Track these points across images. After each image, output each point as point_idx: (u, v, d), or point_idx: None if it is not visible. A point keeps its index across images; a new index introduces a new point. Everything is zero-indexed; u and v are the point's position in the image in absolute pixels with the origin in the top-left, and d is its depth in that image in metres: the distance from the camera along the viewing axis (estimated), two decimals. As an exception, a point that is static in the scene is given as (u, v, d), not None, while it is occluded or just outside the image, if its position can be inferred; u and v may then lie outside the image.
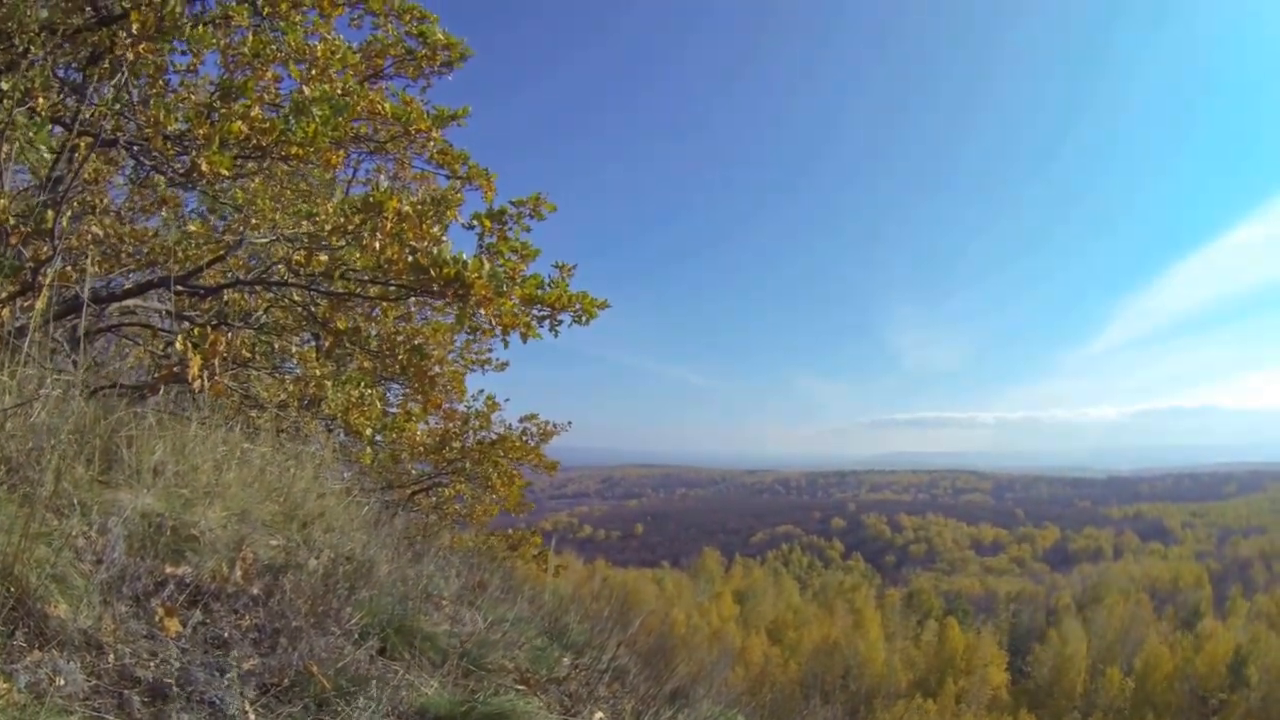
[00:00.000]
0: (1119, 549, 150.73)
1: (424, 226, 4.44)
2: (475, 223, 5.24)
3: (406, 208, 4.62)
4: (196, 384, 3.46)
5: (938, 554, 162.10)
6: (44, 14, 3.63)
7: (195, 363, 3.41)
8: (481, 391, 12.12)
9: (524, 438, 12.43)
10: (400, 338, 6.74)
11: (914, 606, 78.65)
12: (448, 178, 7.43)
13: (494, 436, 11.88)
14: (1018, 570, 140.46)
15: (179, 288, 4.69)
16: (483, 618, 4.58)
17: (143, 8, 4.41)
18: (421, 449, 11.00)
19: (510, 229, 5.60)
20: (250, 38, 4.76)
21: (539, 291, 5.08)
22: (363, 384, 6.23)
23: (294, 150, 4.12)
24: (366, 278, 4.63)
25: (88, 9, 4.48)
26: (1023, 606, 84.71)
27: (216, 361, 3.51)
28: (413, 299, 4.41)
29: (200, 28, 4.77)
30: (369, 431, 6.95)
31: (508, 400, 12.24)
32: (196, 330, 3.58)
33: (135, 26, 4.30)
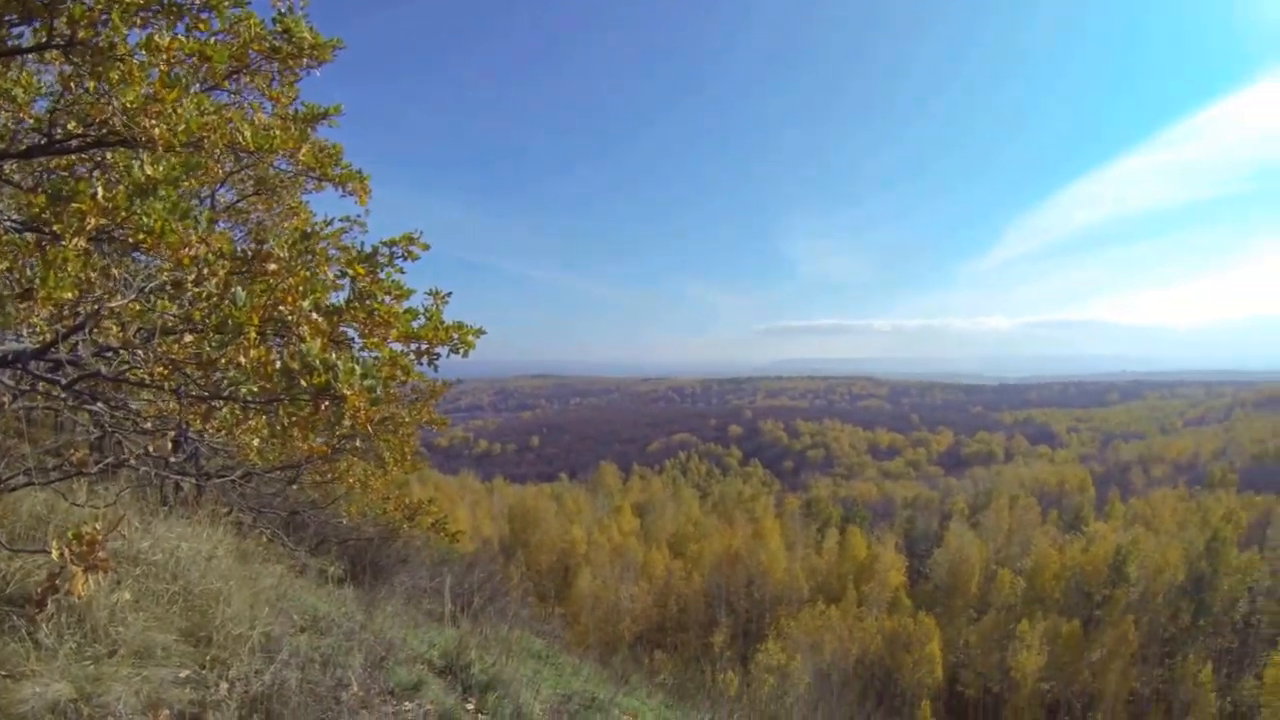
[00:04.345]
0: (1010, 452, 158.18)
1: (291, 298, 4.28)
2: (347, 270, 5.11)
3: (282, 252, 4.46)
4: (84, 596, 3.37)
5: (835, 459, 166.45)
6: None
7: (78, 579, 3.30)
8: (364, 378, 11.86)
9: (413, 396, 12.28)
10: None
11: (813, 514, 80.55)
12: (317, 179, 7.18)
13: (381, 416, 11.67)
14: (913, 474, 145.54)
15: (34, 363, 4.46)
16: (392, 694, 4.65)
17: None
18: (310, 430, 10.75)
19: (382, 272, 5.49)
20: (93, 86, 4.47)
21: (414, 327, 5.01)
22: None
23: (140, 238, 3.91)
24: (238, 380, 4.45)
25: None
26: (919, 511, 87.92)
27: (99, 554, 3.40)
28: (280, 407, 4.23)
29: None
30: (256, 442, 6.85)
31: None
32: (72, 533, 3.44)
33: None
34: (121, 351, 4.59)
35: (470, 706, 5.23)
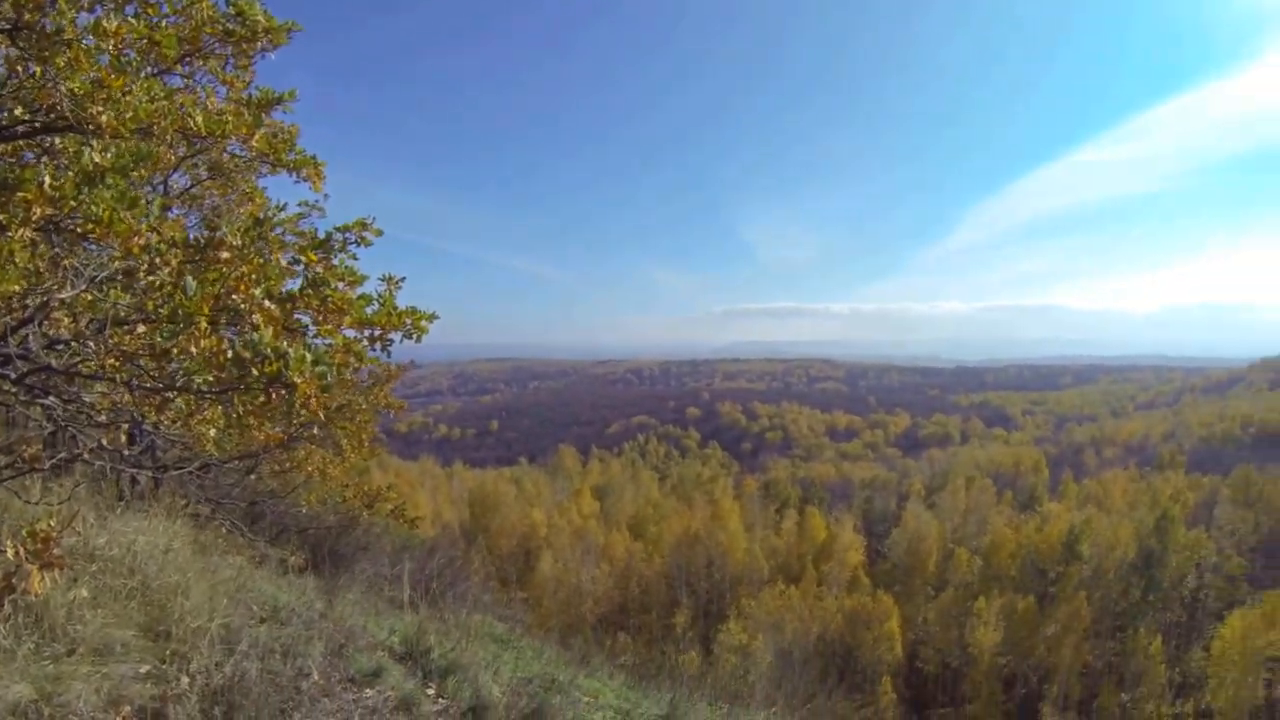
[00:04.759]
0: (966, 434, 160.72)
1: (244, 286, 4.22)
2: (300, 256, 5.07)
3: (235, 240, 4.40)
4: (41, 595, 3.33)
5: (794, 440, 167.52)
6: None
7: (34, 578, 3.26)
8: (315, 365, 11.74)
9: (370, 381, 12.26)
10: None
11: (772, 495, 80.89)
12: (271, 165, 7.08)
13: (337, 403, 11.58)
14: (871, 455, 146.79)
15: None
16: (353, 682, 4.67)
17: None
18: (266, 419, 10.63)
19: (336, 258, 5.44)
20: (39, 71, 4.38)
21: (368, 313, 4.99)
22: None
23: (89, 228, 3.85)
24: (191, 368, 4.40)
25: None
26: (877, 492, 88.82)
27: (55, 551, 3.36)
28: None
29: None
30: (212, 433, 6.80)
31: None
32: (26, 530, 3.40)
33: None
34: (73, 344, 4.54)
35: (430, 691, 5.26)
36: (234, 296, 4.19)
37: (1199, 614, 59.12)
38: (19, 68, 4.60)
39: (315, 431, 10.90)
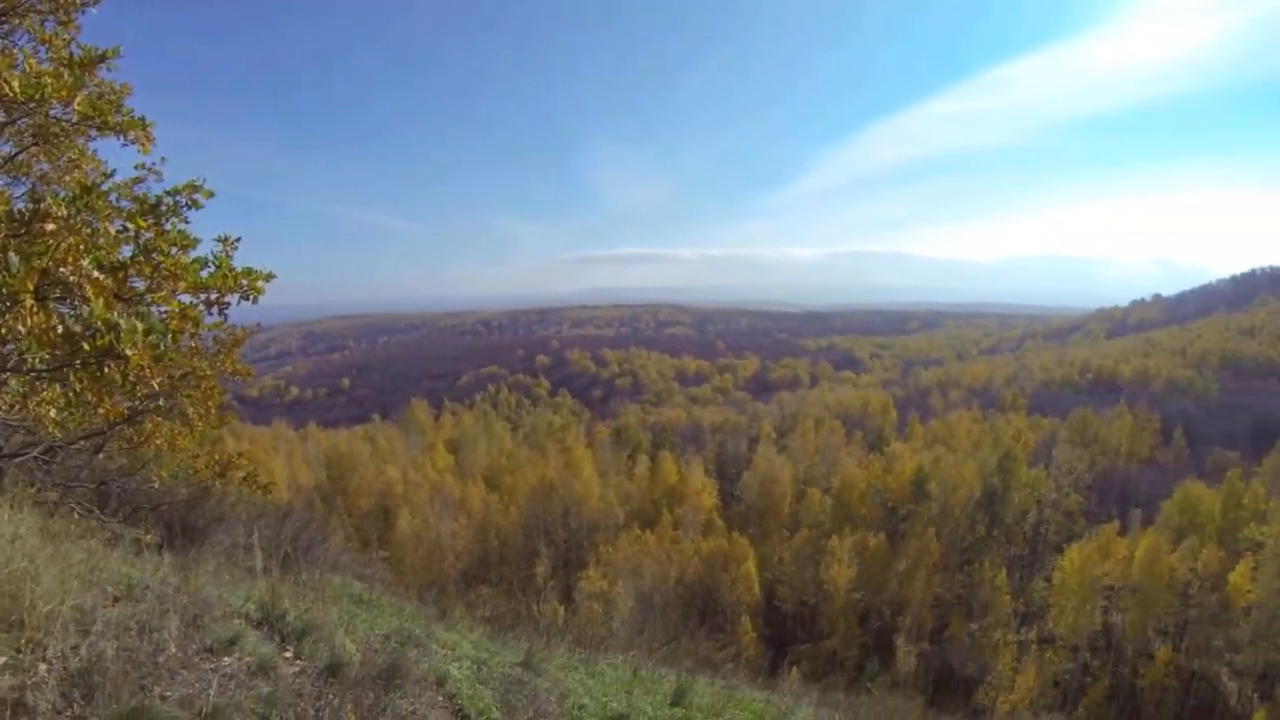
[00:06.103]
0: (815, 377, 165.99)
1: (73, 258, 4.15)
2: (129, 224, 4.98)
3: (60, 210, 4.31)
4: None
5: (643, 386, 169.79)
6: None
7: None
8: (147, 334, 11.34)
9: (215, 347, 11.93)
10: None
11: (624, 441, 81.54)
12: (97, 128, 6.82)
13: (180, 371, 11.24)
14: (721, 399, 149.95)
15: None
16: (210, 651, 4.72)
17: None
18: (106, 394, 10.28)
19: (167, 221, 5.36)
20: None
21: (202, 276, 4.95)
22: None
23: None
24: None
25: None
26: (728, 436, 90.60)
27: None
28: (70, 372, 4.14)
29: None
30: (53, 413, 6.65)
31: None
32: None
33: None
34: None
35: (288, 653, 5.33)
36: (62, 269, 4.11)
37: (1040, 547, 63.72)
38: None
39: (161, 403, 10.60)
